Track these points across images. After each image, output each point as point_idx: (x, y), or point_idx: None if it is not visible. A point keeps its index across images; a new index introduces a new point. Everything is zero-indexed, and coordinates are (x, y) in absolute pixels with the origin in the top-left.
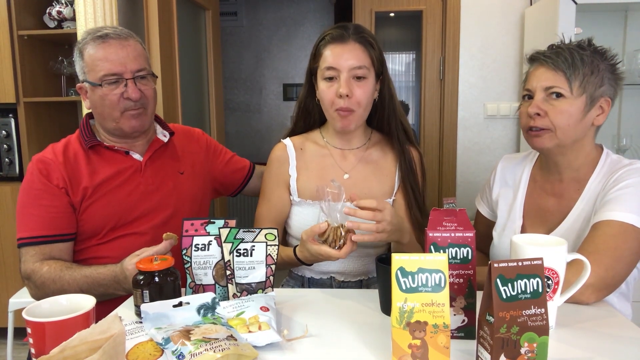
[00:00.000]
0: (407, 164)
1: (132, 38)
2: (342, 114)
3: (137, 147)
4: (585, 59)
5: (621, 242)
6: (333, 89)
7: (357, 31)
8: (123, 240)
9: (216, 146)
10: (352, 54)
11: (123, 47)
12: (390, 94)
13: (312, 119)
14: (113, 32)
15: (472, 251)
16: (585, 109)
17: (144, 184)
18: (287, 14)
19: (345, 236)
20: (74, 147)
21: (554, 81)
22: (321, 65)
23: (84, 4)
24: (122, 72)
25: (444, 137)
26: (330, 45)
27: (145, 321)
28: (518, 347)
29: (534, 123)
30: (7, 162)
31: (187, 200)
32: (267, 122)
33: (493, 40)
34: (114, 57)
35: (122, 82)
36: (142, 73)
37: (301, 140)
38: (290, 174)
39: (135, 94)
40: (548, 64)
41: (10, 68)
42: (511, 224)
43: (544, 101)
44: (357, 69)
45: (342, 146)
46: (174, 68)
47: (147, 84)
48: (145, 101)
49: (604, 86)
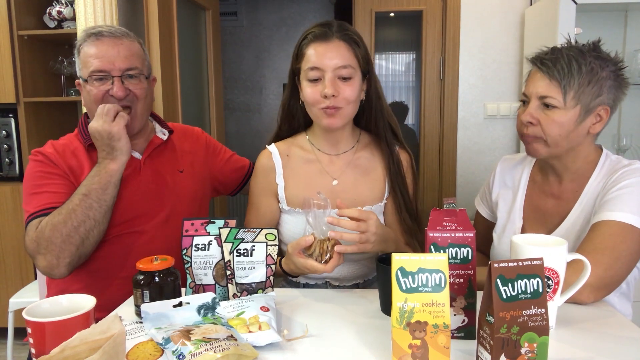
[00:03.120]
0: (396, 167)
1: (126, 37)
2: (328, 112)
3: (135, 145)
4: (584, 68)
5: (620, 242)
6: (317, 90)
7: (341, 29)
8: (123, 238)
9: (215, 145)
10: (336, 53)
11: (115, 45)
12: (377, 93)
13: (297, 122)
14: (107, 31)
15: (472, 251)
16: (579, 119)
17: (143, 182)
18: (287, 14)
19: (331, 250)
20: (74, 144)
21: (547, 90)
22: (304, 66)
23: (84, 4)
24: (110, 70)
25: (444, 137)
26: (313, 44)
27: (145, 321)
28: (518, 347)
29: (526, 131)
30: (7, 162)
31: (187, 199)
32: (267, 122)
33: (493, 40)
34: (104, 54)
35: (109, 80)
36: (132, 72)
37: (287, 145)
38: (278, 182)
39: (120, 92)
40: (543, 71)
41: (10, 68)
42: (511, 225)
43: (538, 109)
44: (342, 68)
45: (330, 150)
46: (174, 68)
47: (138, 83)
48: (133, 100)
49: (602, 95)
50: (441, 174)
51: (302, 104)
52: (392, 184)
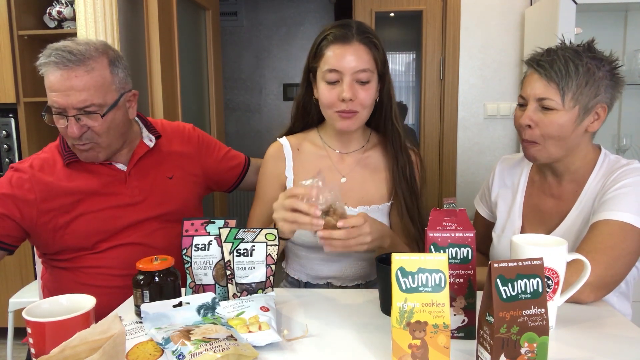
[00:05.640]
0: (400, 170)
1: (82, 65)
2: (343, 116)
3: (119, 157)
4: (581, 69)
5: (619, 241)
6: (335, 92)
7: (361, 31)
8: (117, 250)
9: (210, 141)
10: (355, 56)
11: (68, 78)
12: (389, 95)
13: (311, 119)
14: (63, 58)
15: (472, 251)
16: (578, 120)
17: (129, 195)
18: (287, 14)
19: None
20: (54, 158)
21: (545, 93)
22: (322, 67)
23: (84, 4)
24: (65, 107)
25: (444, 137)
26: (332, 46)
27: (145, 321)
28: (518, 347)
29: (524, 136)
30: (7, 162)
31: (178, 205)
32: (267, 122)
33: (493, 41)
34: (58, 88)
35: (65, 117)
36: (89, 109)
37: (298, 140)
38: (287, 175)
39: (73, 133)
40: (541, 73)
41: (10, 68)
42: (510, 225)
43: (536, 111)
44: (361, 72)
45: (341, 148)
46: (174, 68)
47: (96, 120)
48: (93, 136)
49: (600, 95)
50: (441, 174)
51: (315, 101)
52: (395, 187)
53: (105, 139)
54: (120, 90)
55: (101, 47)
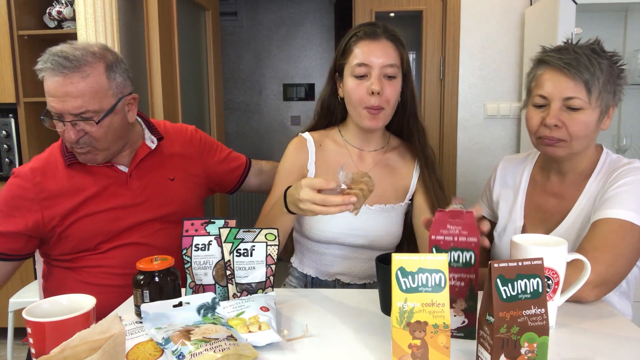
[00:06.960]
0: (431, 166)
1: (78, 72)
2: (372, 112)
3: (120, 158)
4: (604, 68)
5: (620, 239)
6: (363, 87)
7: (388, 29)
8: (119, 250)
9: (212, 143)
10: (383, 51)
11: (64, 85)
12: (412, 94)
13: (335, 118)
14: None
15: (475, 256)
16: (600, 118)
17: (131, 196)
18: (287, 14)
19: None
20: (56, 159)
21: (574, 92)
22: (351, 62)
23: (84, 4)
24: (62, 113)
25: (444, 137)
26: (361, 42)
27: (145, 321)
28: (518, 347)
29: (549, 134)
30: (7, 162)
31: (180, 206)
32: (267, 122)
33: (493, 41)
34: (55, 94)
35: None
36: (85, 115)
37: (320, 136)
38: (309, 169)
39: (70, 138)
40: (569, 71)
41: (10, 68)
42: (512, 225)
43: (562, 111)
44: (389, 67)
45: (361, 147)
46: (174, 68)
47: (93, 126)
48: (90, 140)
49: (617, 94)
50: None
51: (341, 100)
52: (425, 183)
53: (102, 143)
54: (118, 95)
55: (99, 51)
